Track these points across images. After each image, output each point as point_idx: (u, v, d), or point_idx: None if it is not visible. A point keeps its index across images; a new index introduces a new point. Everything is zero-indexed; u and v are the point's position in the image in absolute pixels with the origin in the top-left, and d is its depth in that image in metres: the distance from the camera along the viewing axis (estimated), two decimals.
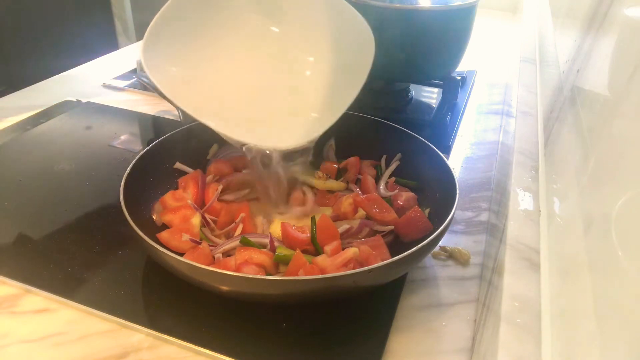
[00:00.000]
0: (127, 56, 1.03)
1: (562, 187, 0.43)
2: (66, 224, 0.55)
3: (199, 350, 0.41)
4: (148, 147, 0.56)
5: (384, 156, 0.64)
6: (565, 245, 0.36)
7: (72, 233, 0.54)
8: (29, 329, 0.43)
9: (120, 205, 0.46)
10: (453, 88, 0.82)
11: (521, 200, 0.46)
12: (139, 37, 1.88)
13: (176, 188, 0.57)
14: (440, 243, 0.54)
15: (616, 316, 0.24)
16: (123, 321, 0.43)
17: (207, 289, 0.43)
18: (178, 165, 0.60)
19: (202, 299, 0.45)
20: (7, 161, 0.66)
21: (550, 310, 0.33)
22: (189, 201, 0.53)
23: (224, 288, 0.42)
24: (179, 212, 0.52)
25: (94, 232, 0.54)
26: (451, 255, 0.53)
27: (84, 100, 0.84)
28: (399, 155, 0.63)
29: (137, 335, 0.43)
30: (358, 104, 0.56)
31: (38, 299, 0.46)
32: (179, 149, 0.61)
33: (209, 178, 0.59)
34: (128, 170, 0.51)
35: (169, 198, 0.55)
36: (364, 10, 0.75)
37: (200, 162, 0.62)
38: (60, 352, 0.41)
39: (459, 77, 0.83)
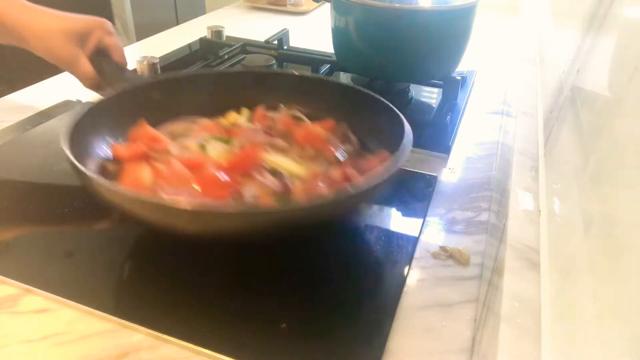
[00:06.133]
0: (127, 56, 1.03)
1: (562, 187, 0.43)
2: (66, 224, 0.55)
3: (199, 350, 0.41)
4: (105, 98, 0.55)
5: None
6: (565, 245, 0.36)
7: (73, 233, 0.54)
8: (29, 329, 0.43)
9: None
10: (453, 88, 0.82)
11: (521, 200, 0.46)
12: (139, 37, 1.88)
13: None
14: (441, 243, 0.55)
15: (616, 316, 0.24)
16: (123, 321, 0.43)
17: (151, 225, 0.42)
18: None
19: (202, 299, 0.45)
20: (7, 161, 0.66)
21: (550, 310, 0.33)
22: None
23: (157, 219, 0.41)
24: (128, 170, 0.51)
25: (94, 233, 0.54)
26: (451, 256, 0.53)
27: (84, 100, 0.84)
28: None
29: (137, 335, 0.43)
30: None
31: (38, 299, 0.46)
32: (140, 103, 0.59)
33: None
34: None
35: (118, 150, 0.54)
36: (364, 11, 0.76)
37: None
38: (60, 352, 0.41)
39: (459, 77, 0.83)
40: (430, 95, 0.91)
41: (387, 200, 0.61)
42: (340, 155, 0.55)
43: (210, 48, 1.06)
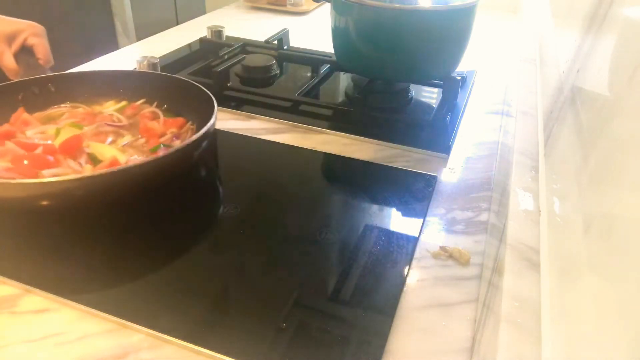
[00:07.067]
0: (127, 56, 1.03)
1: (562, 187, 0.43)
2: (66, 224, 0.55)
3: (199, 350, 0.41)
4: None
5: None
6: (565, 245, 0.36)
7: (72, 233, 0.54)
8: (29, 329, 0.43)
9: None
10: (453, 88, 0.82)
11: (521, 200, 0.46)
12: (139, 37, 1.88)
13: None
14: (441, 243, 0.55)
15: (616, 316, 0.24)
16: (123, 321, 0.43)
17: None
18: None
19: (202, 299, 0.45)
20: None
21: (550, 310, 0.33)
22: None
23: None
24: None
25: (94, 232, 0.54)
26: (451, 256, 0.53)
27: None
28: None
29: (137, 335, 0.43)
30: (362, 102, 0.56)
31: (38, 299, 0.46)
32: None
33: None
34: None
35: None
36: (364, 11, 0.76)
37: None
38: (60, 352, 0.41)
39: (459, 77, 0.83)
40: (430, 95, 0.91)
41: (387, 200, 0.61)
42: (162, 146, 0.64)
43: (210, 48, 1.06)
